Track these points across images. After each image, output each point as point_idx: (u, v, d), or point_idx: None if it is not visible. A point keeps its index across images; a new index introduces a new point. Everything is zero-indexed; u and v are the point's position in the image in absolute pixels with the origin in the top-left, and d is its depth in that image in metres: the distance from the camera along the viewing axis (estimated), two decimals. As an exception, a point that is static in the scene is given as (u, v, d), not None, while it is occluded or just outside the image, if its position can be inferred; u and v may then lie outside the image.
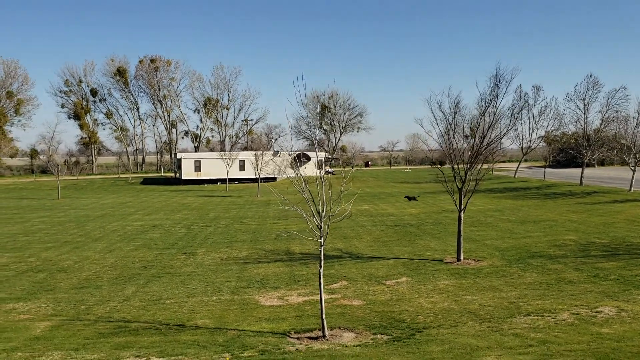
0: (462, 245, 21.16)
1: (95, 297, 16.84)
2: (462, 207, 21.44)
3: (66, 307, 15.75)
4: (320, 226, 12.58)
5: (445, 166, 23.92)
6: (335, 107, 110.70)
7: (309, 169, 66.18)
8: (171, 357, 10.97)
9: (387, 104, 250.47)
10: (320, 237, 12.69)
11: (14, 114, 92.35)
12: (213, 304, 15.62)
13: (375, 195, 50.18)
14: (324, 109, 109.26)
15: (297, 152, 72.03)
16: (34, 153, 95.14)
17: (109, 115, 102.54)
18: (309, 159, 73.82)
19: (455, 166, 21.22)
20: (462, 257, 20.97)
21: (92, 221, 36.11)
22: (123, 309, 15.31)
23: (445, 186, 21.48)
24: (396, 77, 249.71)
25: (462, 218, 21.55)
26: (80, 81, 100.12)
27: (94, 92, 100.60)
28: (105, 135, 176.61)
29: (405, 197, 50.00)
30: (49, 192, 62.91)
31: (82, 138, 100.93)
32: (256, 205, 45.81)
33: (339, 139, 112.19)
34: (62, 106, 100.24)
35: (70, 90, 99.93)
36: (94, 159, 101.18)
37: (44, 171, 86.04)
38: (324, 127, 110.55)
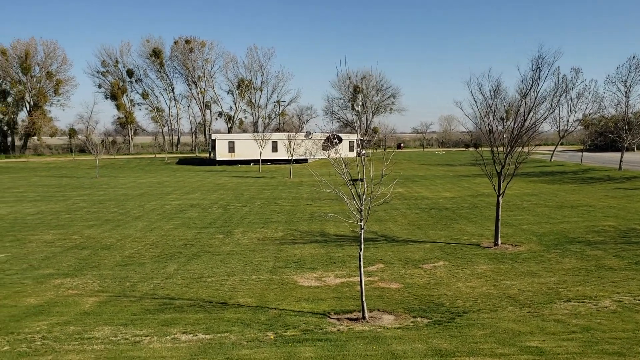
0: (499, 230, 21.03)
1: (139, 274, 17.36)
2: (501, 191, 21.26)
3: (112, 283, 16.30)
4: (361, 209, 12.69)
5: (481, 149, 23.65)
6: (367, 88, 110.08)
7: (342, 151, 66.15)
8: (217, 334, 11.31)
9: (420, 85, 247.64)
10: (361, 220, 12.81)
11: (54, 94, 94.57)
12: (253, 283, 15.96)
13: (408, 178, 49.99)
14: (356, 90, 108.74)
15: (330, 134, 72.12)
16: (72, 132, 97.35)
17: (144, 95, 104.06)
18: (341, 140, 73.78)
19: (495, 149, 21.00)
20: (499, 242, 20.85)
21: (131, 200, 36.98)
22: (167, 286, 15.77)
23: (484, 170, 21.30)
24: (430, 58, 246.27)
25: (501, 202, 21.37)
26: (117, 62, 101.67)
27: (130, 73, 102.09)
28: (142, 116, 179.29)
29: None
30: (87, 170, 64.50)
31: (118, 118, 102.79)
32: (289, 186, 46.19)
33: (370, 120, 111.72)
34: (99, 86, 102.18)
35: (107, 71, 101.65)
36: (130, 138, 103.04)
37: (82, 150, 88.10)
38: (356, 108, 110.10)
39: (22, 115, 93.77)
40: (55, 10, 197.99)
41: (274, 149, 71.65)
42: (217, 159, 72.45)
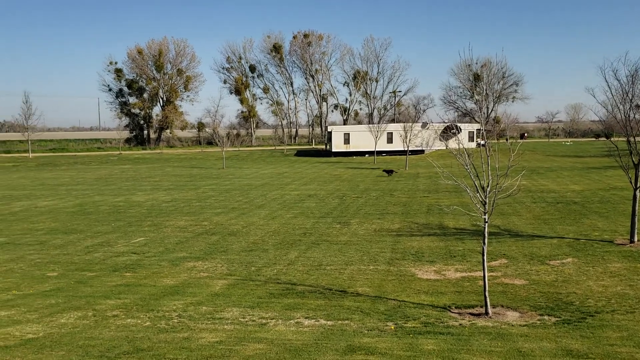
0: (636, 226, 19.40)
1: (263, 260, 18.20)
2: (639, 184, 19.58)
3: (238, 267, 17.24)
4: (485, 202, 12.33)
5: (614, 139, 21.83)
6: (489, 75, 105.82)
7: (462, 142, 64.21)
8: (337, 321, 11.59)
9: (546, 72, 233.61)
10: (485, 213, 12.44)
11: (184, 90, 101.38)
12: (371, 273, 16.11)
13: (533, 170, 47.53)
14: (477, 78, 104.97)
15: (448, 124, 70.36)
16: (200, 126, 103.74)
17: (265, 90, 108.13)
18: (460, 130, 71.75)
19: (632, 139, 19.36)
20: (636, 239, 19.25)
21: (254, 189, 38.73)
22: (289, 272, 16.39)
23: (619, 161, 19.73)
24: (557, 43, 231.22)
25: (638, 196, 19.69)
26: (240, 58, 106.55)
27: (252, 68, 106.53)
28: (263, 110, 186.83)
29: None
30: (214, 162, 68.40)
31: (242, 112, 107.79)
32: (405, 177, 45.80)
33: (492, 110, 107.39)
34: (225, 82, 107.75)
35: (232, 67, 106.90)
36: (252, 131, 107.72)
37: (210, 142, 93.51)
38: (476, 97, 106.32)
39: (157, 110, 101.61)
40: (185, 11, 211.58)
41: (389, 140, 71.31)
42: (333, 150, 73.53)
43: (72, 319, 12.10)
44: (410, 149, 57.89)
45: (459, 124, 73.12)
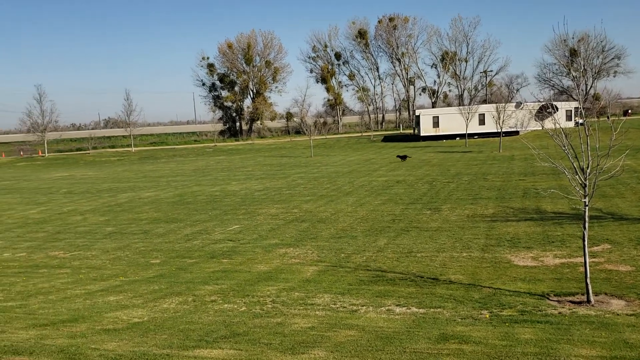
0: None
1: (352, 246, 18.29)
2: None
3: (328, 254, 17.44)
4: (585, 184, 11.63)
5: None
6: (586, 50, 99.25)
7: (559, 121, 60.84)
8: (430, 308, 11.44)
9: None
10: (585, 196, 11.75)
11: (272, 81, 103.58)
12: (464, 260, 15.73)
13: (638, 149, 44.26)
14: (573, 53, 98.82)
15: (543, 103, 66.93)
16: (288, 115, 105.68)
17: (351, 76, 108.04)
18: (557, 109, 67.99)
19: None
20: None
21: (341, 177, 38.95)
22: (378, 259, 16.37)
23: None
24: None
25: None
26: (326, 46, 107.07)
27: (337, 56, 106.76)
28: (349, 96, 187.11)
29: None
30: (303, 150, 69.47)
31: (328, 100, 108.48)
32: (499, 160, 44.20)
33: (591, 86, 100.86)
34: (311, 71, 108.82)
35: (317, 56, 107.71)
36: (339, 119, 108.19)
37: (298, 132, 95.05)
38: (573, 73, 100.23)
39: (247, 102, 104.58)
40: (272, 2, 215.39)
41: (481, 121, 69.04)
42: (422, 134, 72.30)
43: (174, 304, 12.79)
44: (503, 130, 55.72)
45: (555, 103, 69.35)
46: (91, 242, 21.70)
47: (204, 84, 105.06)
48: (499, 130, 55.25)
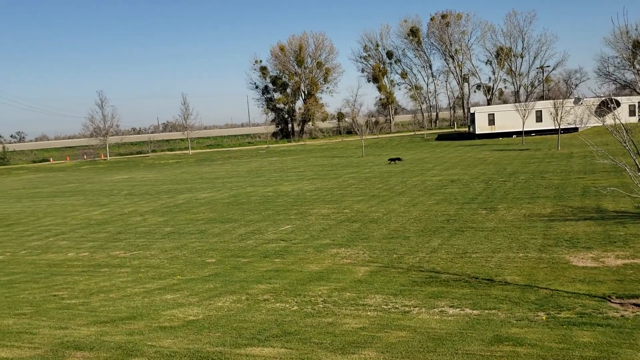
0: None
1: (405, 247, 18.12)
2: None
3: (380, 254, 17.35)
4: (649, 182, 11.11)
5: None
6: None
7: (621, 116, 58.21)
8: (484, 310, 11.20)
9: None
10: (649, 194, 11.22)
11: (323, 82, 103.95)
12: (520, 261, 15.32)
13: None
14: (636, 45, 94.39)
15: (604, 98, 64.23)
16: (340, 116, 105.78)
17: (403, 75, 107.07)
18: (619, 104, 65.15)
19: None
20: None
21: (394, 176, 38.66)
22: (432, 260, 16.16)
23: None
24: None
25: None
26: (377, 45, 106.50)
27: (389, 55, 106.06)
28: (401, 95, 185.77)
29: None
30: (354, 150, 69.37)
31: (380, 99, 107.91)
32: (557, 158, 42.78)
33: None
34: (362, 70, 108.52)
35: (369, 55, 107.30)
36: (391, 118, 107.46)
37: (349, 132, 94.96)
38: (637, 67, 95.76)
39: (299, 104, 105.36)
40: (323, 3, 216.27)
41: (538, 118, 66.95)
42: (477, 132, 70.80)
43: (228, 303, 13.05)
44: (562, 127, 53.87)
45: (617, 98, 66.45)
46: (150, 242, 22.40)
47: (257, 87, 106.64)
48: (557, 127, 53.44)
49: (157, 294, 14.38)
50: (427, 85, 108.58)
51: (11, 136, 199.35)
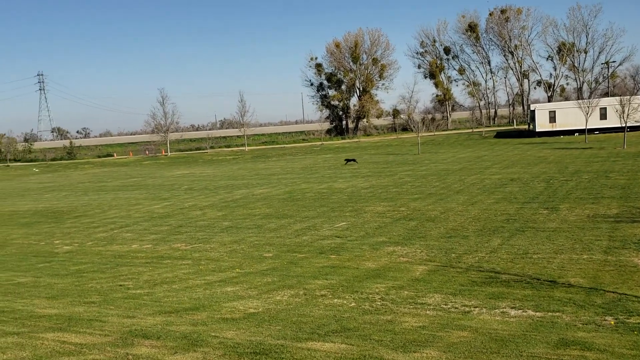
0: None
1: (463, 246, 17.84)
2: None
3: (438, 253, 17.15)
4: None
5: None
6: None
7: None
8: (547, 312, 10.90)
9: None
10: None
11: (379, 79, 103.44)
12: (584, 263, 14.81)
13: None
14: None
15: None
16: (395, 112, 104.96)
17: (461, 71, 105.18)
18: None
19: None
20: None
21: (451, 174, 38.06)
22: (491, 260, 15.84)
23: None
24: None
25: None
26: (434, 41, 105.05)
27: (447, 50, 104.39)
28: (458, 92, 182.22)
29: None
30: (410, 147, 68.70)
31: (437, 96, 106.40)
32: (623, 157, 40.99)
33: None
34: (419, 67, 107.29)
35: (426, 51, 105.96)
36: (448, 115, 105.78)
37: (405, 129, 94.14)
38: None
39: (354, 101, 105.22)
40: (379, 0, 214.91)
41: (603, 116, 64.30)
42: (537, 130, 68.72)
43: (286, 297, 13.23)
44: (628, 125, 51.54)
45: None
46: (210, 236, 22.96)
47: (311, 84, 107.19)
48: (623, 125, 51.16)
49: (218, 286, 14.74)
50: (486, 81, 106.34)
51: (77, 132, 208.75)
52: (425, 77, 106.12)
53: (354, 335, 9.19)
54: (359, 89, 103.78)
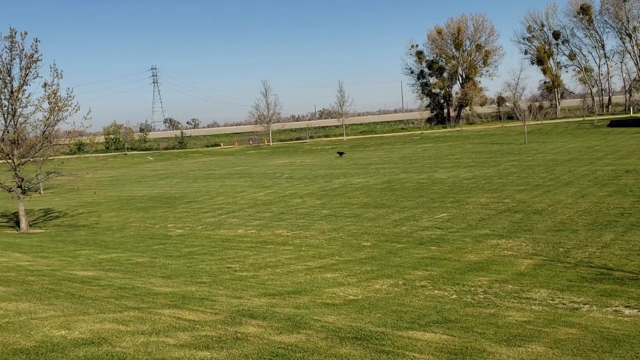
0: None
1: (572, 241, 16.99)
2: None
3: (545, 247, 16.46)
4: None
5: None
6: None
7: None
8: (667, 314, 10.17)
9: None
10: None
11: (482, 65, 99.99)
12: None
13: None
14: None
15: None
16: (500, 100, 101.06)
17: (571, 56, 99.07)
18: None
19: None
20: None
21: (560, 165, 36.15)
22: (603, 256, 14.98)
23: None
24: None
25: None
26: (542, 25, 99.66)
27: (556, 35, 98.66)
28: (568, 78, 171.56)
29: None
30: (515, 137, 65.94)
31: (544, 82, 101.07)
32: None
33: None
34: (525, 52, 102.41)
35: (533, 36, 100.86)
36: (557, 102, 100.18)
37: (510, 117, 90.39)
38: None
39: (456, 88, 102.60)
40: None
41: None
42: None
43: (385, 286, 13.32)
44: None
45: None
46: (309, 223, 23.53)
47: (412, 72, 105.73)
48: None
49: (318, 272, 15.12)
50: (599, 66, 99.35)
51: (187, 123, 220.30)
52: (533, 64, 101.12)
53: (456, 327, 9.11)
54: (461, 76, 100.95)
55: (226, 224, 25.23)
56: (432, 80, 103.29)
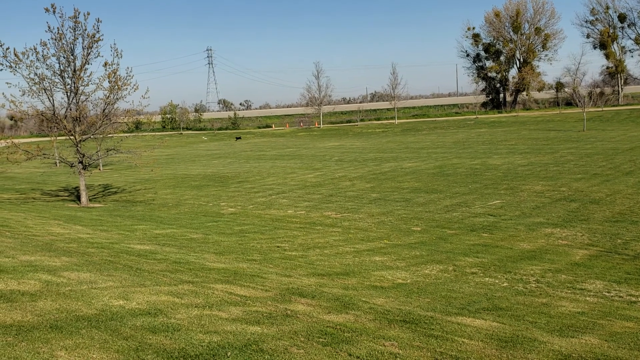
0: None
1: (632, 232, 16.38)
2: None
3: (601, 238, 15.94)
4: None
5: None
6: None
7: None
8: None
9: None
10: None
11: (541, 49, 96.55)
12: None
13: None
14: None
15: None
16: (559, 86, 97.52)
17: (637, 40, 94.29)
18: None
19: None
20: None
21: (620, 154, 34.74)
22: (665, 250, 14.38)
23: None
24: None
25: None
26: (607, 8, 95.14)
27: (622, 18, 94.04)
28: (633, 63, 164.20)
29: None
30: (574, 124, 63.68)
31: (607, 68, 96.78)
32: None
33: None
34: (587, 36, 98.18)
35: (596, 19, 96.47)
36: (619, 89, 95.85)
37: (569, 103, 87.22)
38: None
39: (513, 72, 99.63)
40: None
41: None
42: None
43: (435, 271, 13.23)
44: None
45: None
46: (358, 206, 23.55)
47: (467, 55, 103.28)
48: None
49: (366, 255, 15.16)
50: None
51: (240, 104, 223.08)
52: (595, 48, 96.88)
53: (506, 315, 8.99)
54: (519, 60, 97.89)
55: (276, 204, 25.56)
56: (489, 63, 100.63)
